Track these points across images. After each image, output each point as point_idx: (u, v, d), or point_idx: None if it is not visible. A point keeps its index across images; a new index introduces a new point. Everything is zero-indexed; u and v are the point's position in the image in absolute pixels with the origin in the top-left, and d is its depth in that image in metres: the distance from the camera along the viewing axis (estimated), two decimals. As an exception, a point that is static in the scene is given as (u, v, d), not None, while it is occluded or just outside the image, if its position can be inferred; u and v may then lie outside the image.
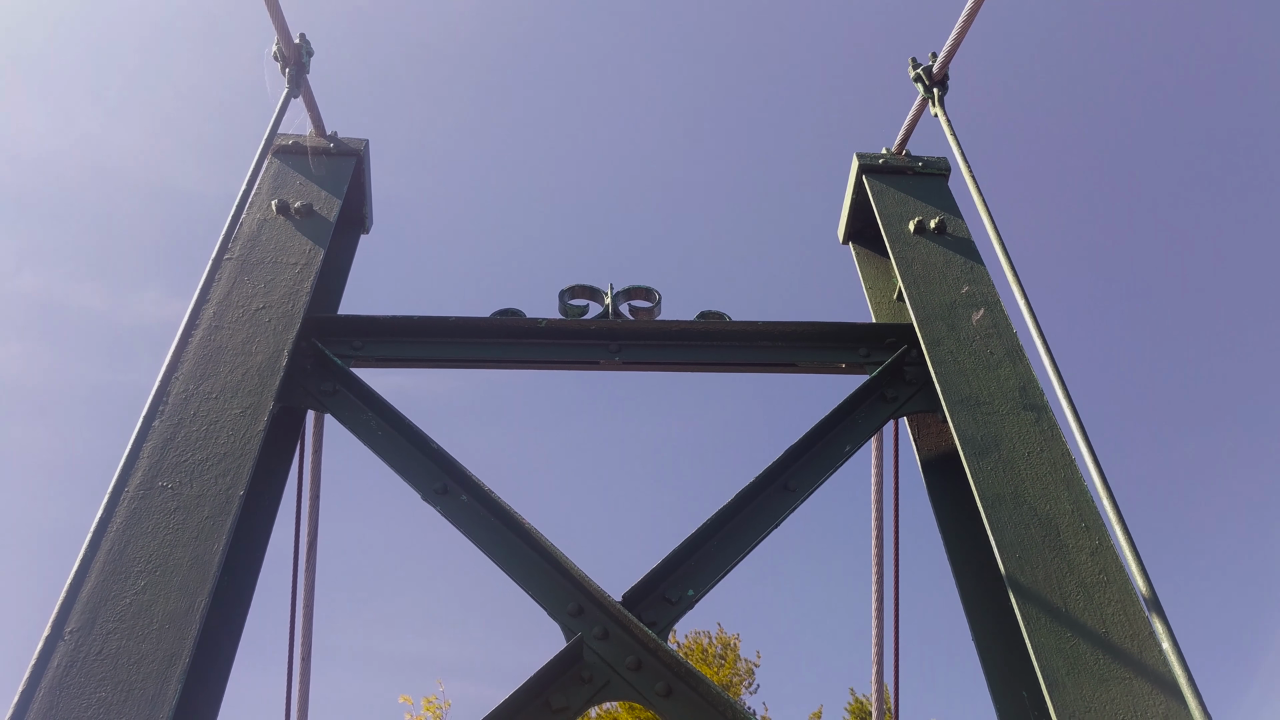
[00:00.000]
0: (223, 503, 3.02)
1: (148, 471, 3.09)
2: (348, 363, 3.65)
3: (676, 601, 3.11)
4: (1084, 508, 3.16)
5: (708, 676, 2.81)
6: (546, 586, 3.08)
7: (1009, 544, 3.07)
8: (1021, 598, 2.94)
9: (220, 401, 3.32)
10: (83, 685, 2.59)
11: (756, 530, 3.30)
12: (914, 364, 3.78)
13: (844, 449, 3.52)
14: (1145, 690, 2.71)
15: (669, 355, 3.84)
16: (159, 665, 2.64)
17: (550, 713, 2.80)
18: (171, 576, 2.83)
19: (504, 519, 3.20)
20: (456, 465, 3.30)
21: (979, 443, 3.36)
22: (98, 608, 2.75)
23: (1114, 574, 2.98)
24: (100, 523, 2.89)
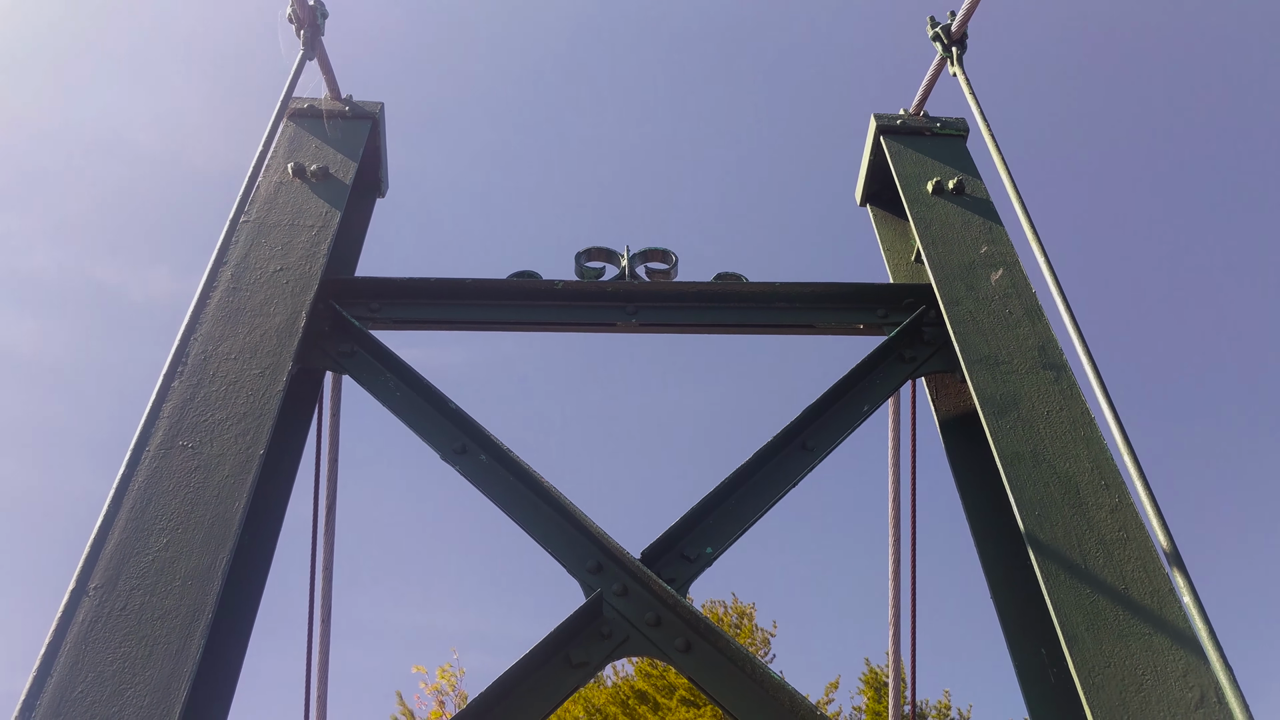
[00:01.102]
0: (243, 462, 3.04)
1: (168, 431, 3.10)
2: (365, 325, 3.65)
3: (695, 559, 3.12)
4: (1104, 465, 3.15)
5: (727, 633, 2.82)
6: (565, 544, 3.09)
7: (1028, 502, 3.07)
8: (1041, 555, 2.93)
9: (239, 362, 3.33)
10: (107, 640, 2.61)
11: (774, 489, 3.30)
12: (932, 324, 3.77)
13: (862, 409, 3.52)
14: (1165, 645, 2.71)
15: (685, 317, 3.83)
16: (182, 621, 2.66)
17: (570, 668, 2.82)
18: (193, 534, 2.85)
19: (523, 478, 3.21)
20: (475, 425, 3.30)
21: (998, 402, 3.35)
22: (121, 565, 2.77)
23: (1134, 531, 2.98)
24: (122, 481, 2.91)
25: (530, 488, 3.20)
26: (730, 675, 2.80)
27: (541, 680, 2.78)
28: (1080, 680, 2.66)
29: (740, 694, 2.77)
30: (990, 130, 4.06)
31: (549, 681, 2.79)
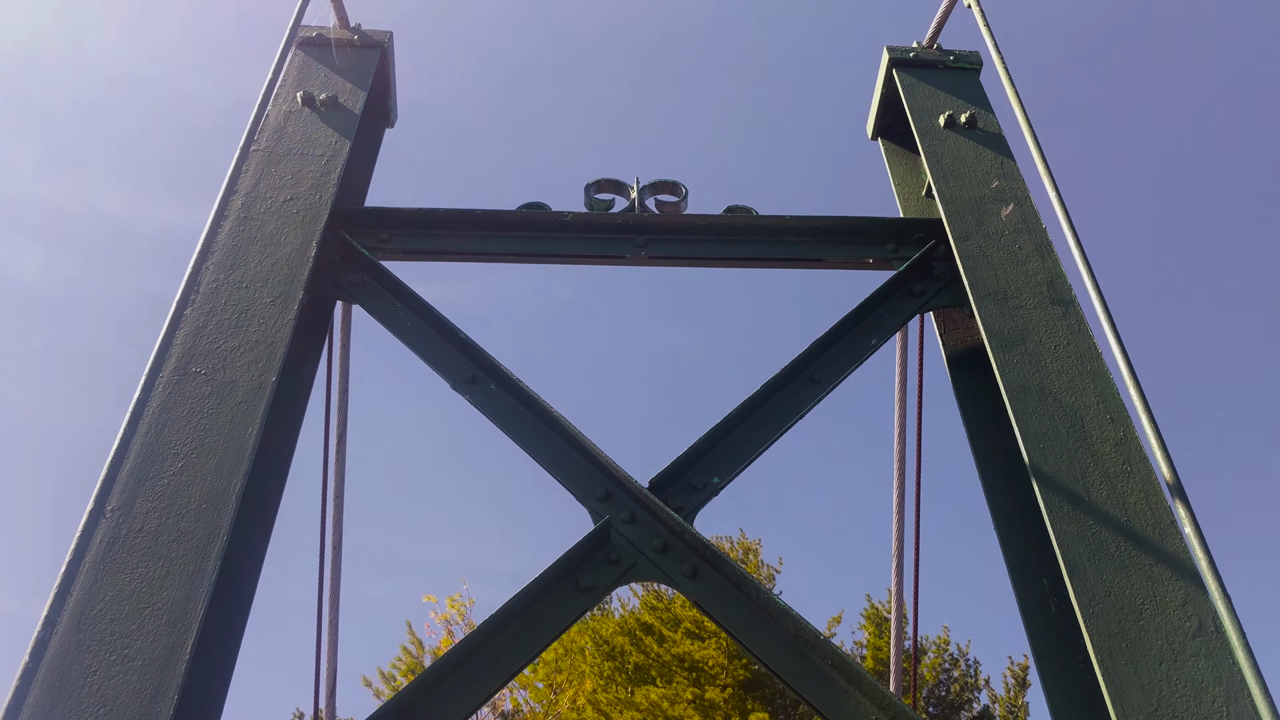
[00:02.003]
0: (256, 388, 3.07)
1: (181, 358, 3.13)
2: (375, 255, 3.66)
3: (702, 488, 3.15)
4: (1109, 400, 3.17)
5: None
6: (575, 473, 3.13)
7: (1033, 435, 3.09)
8: (1045, 487, 2.97)
9: (250, 291, 3.34)
10: (125, 560, 2.66)
11: (781, 421, 3.33)
12: (942, 259, 3.77)
13: (870, 343, 3.53)
14: (1165, 576, 2.75)
15: (695, 250, 3.83)
16: (198, 543, 2.70)
17: (579, 592, 2.86)
18: (207, 459, 2.89)
19: (532, 407, 3.24)
20: (485, 355, 3.32)
21: (1006, 336, 3.36)
22: (137, 488, 2.81)
23: (1137, 464, 3.00)
24: (136, 406, 2.95)
25: (540, 417, 3.23)
26: (736, 601, 2.85)
27: (551, 603, 2.83)
28: (1080, 609, 2.71)
29: (745, 619, 2.82)
30: (1004, 64, 4.02)
31: (558, 604, 2.84)
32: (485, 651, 2.71)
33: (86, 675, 2.44)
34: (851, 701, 2.65)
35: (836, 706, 2.65)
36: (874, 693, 2.64)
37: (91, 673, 2.45)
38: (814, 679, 2.69)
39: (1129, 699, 2.53)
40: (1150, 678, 2.56)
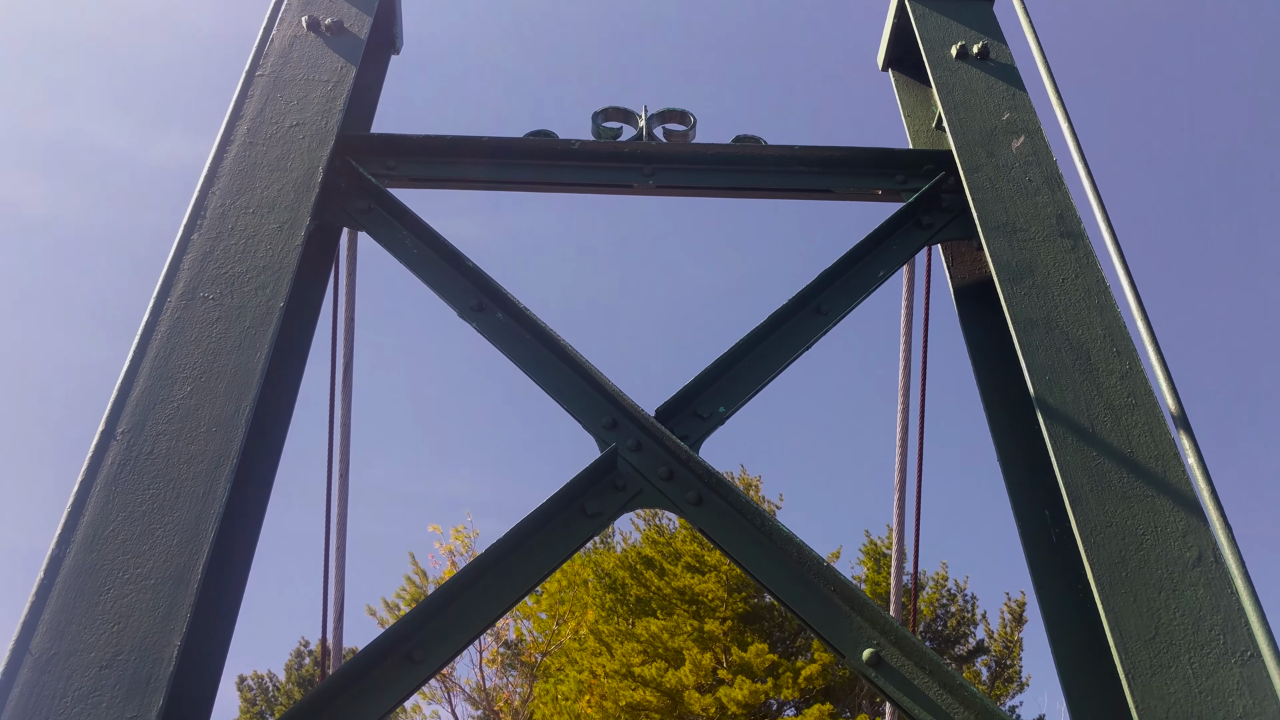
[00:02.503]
0: (263, 314, 3.07)
1: (189, 283, 3.13)
2: (382, 182, 3.64)
3: (708, 417, 3.17)
4: (1116, 333, 3.17)
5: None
6: (581, 401, 3.14)
7: (1039, 367, 3.10)
8: (1049, 419, 2.98)
9: (257, 216, 3.33)
10: (136, 482, 2.69)
11: (787, 352, 3.33)
12: (951, 191, 3.75)
13: (877, 274, 3.52)
14: (1167, 507, 2.77)
15: (703, 179, 3.81)
16: (208, 465, 2.73)
17: (585, 517, 2.89)
18: (216, 383, 2.90)
19: (539, 336, 3.24)
20: (491, 283, 3.32)
21: (1014, 268, 3.35)
22: (147, 411, 2.83)
23: (1143, 397, 3.01)
24: (145, 330, 2.96)
25: (547, 345, 3.23)
26: (740, 528, 2.88)
27: (557, 528, 2.86)
28: (1082, 539, 2.73)
29: (749, 546, 2.85)
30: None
31: (564, 530, 2.87)
32: (493, 574, 2.75)
33: (100, 593, 2.48)
34: (853, 626, 2.69)
35: (838, 631, 2.69)
36: (875, 617, 2.68)
37: (105, 590, 2.48)
38: (816, 604, 2.73)
39: (1127, 626, 2.56)
40: (1149, 606, 2.60)
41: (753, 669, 24.55)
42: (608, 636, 24.84)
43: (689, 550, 27.00)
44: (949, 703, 2.56)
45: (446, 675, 15.01)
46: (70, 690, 2.33)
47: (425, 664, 2.59)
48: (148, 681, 2.35)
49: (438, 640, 2.63)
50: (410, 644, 2.61)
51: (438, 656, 2.61)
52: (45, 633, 2.40)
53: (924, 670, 2.60)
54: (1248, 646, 2.52)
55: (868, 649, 2.64)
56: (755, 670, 24.63)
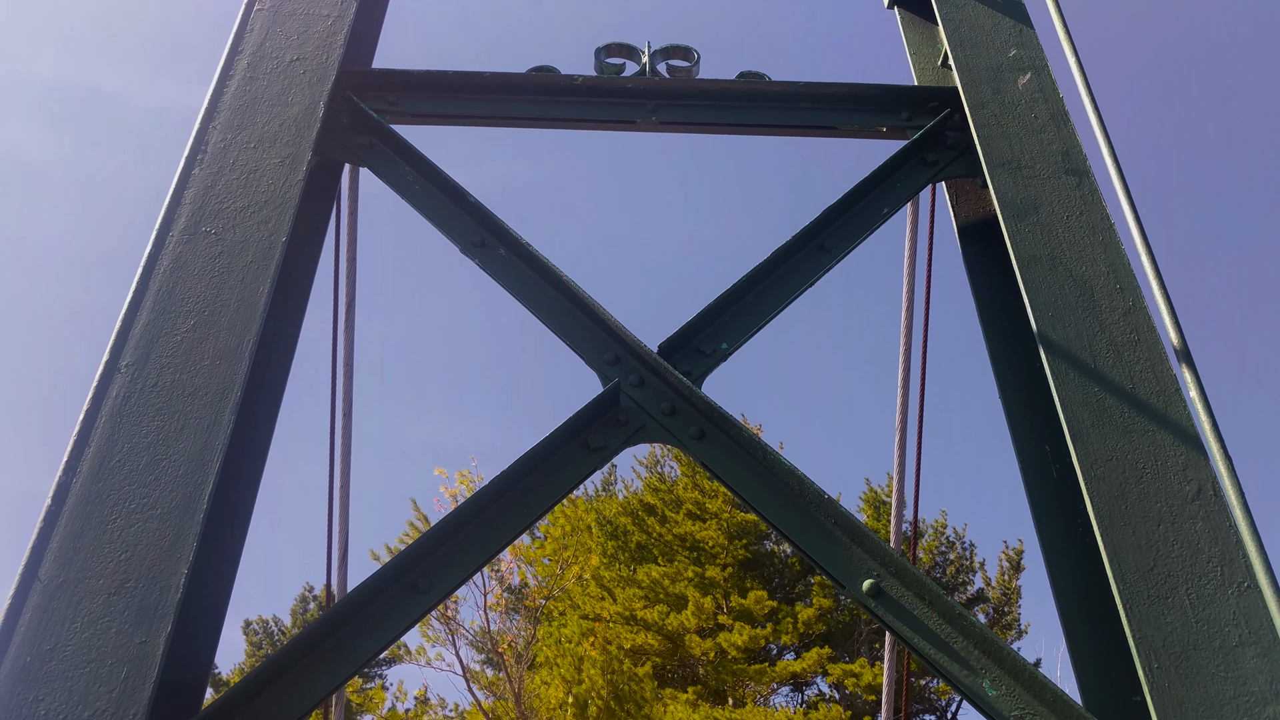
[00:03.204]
0: (266, 248, 3.07)
1: (190, 217, 3.12)
2: (384, 118, 3.62)
3: (711, 353, 3.17)
4: (1120, 270, 3.16)
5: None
6: (584, 337, 3.14)
7: (1042, 304, 3.10)
8: (1052, 355, 2.98)
9: (258, 151, 3.32)
10: (141, 414, 2.70)
11: (790, 289, 3.33)
12: (956, 128, 3.72)
13: (881, 211, 3.51)
14: (1168, 441, 2.78)
15: (706, 115, 3.78)
16: (212, 398, 2.74)
17: (588, 451, 2.91)
18: (220, 316, 2.91)
19: (542, 272, 3.24)
20: (494, 219, 3.31)
21: (1018, 206, 3.34)
22: (151, 344, 2.83)
23: (1145, 334, 3.01)
24: (147, 264, 2.96)
25: (550, 282, 3.23)
26: (742, 462, 2.90)
27: (560, 461, 2.88)
28: (1082, 473, 2.75)
29: (751, 479, 2.87)
30: (1027, -73, 3.91)
31: (568, 463, 2.88)
32: (497, 505, 2.77)
33: (108, 522, 2.50)
34: (854, 557, 2.71)
35: (839, 562, 2.71)
36: (876, 549, 2.70)
37: (112, 520, 2.51)
38: (817, 536, 2.75)
39: (1126, 559, 2.58)
40: (1148, 539, 2.62)
41: (753, 614, 24.82)
42: (610, 582, 25.08)
43: (690, 498, 27.19)
44: (948, 632, 2.59)
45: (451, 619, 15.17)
46: (80, 616, 2.35)
47: (430, 593, 2.61)
48: (156, 608, 2.38)
49: (442, 570, 2.66)
50: (415, 573, 2.63)
51: (442, 586, 2.64)
52: (54, 560, 2.43)
53: (924, 601, 2.63)
54: (1245, 578, 2.54)
55: (868, 580, 2.66)
56: (755, 616, 24.90)
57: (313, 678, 2.47)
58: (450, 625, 15.15)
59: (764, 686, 24.65)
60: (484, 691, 17.07)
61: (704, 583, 25.21)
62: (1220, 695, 2.38)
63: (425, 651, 16.28)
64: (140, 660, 2.31)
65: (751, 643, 23.80)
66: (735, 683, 23.97)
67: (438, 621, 15.38)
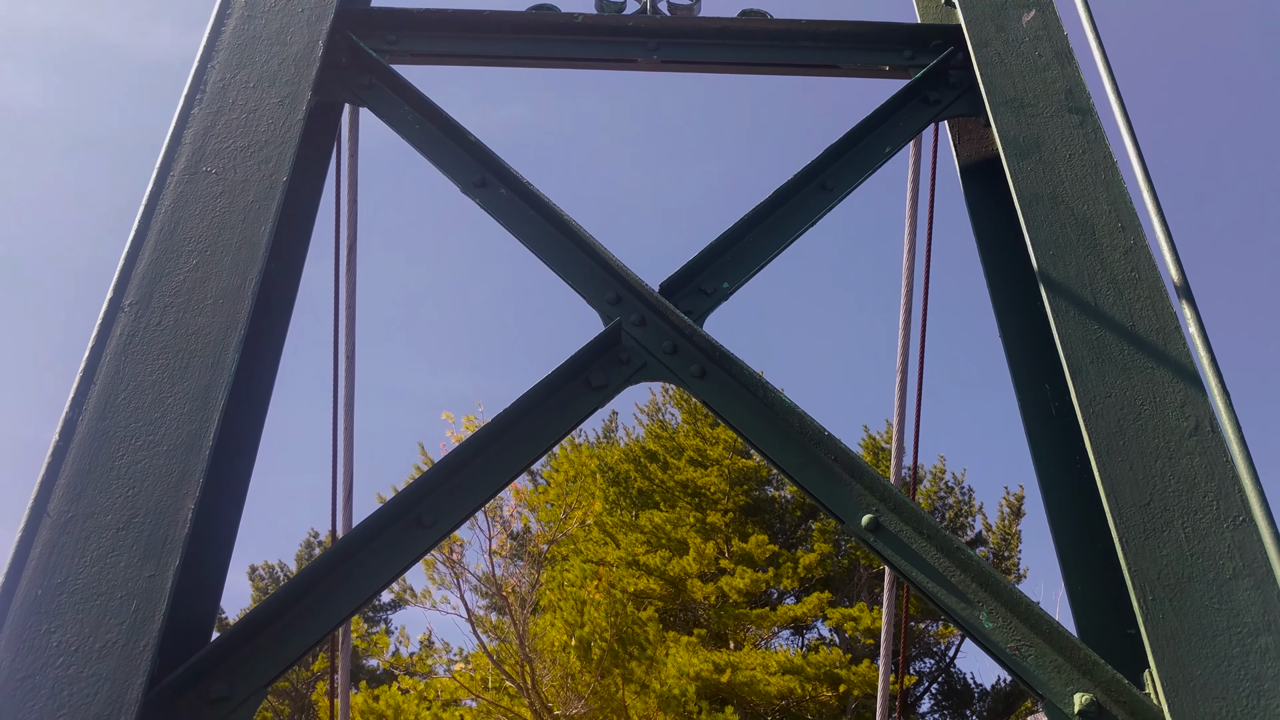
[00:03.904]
0: (267, 188, 3.06)
1: (191, 157, 3.12)
2: (383, 57, 3.59)
3: (712, 293, 3.18)
4: (1122, 208, 3.16)
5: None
6: (586, 277, 3.15)
7: (1043, 242, 3.10)
8: (1052, 293, 2.99)
9: (258, 91, 3.30)
10: (145, 353, 2.71)
11: (792, 228, 3.33)
12: (959, 67, 3.69)
13: (883, 150, 3.50)
14: (1166, 378, 2.80)
15: (707, 54, 3.75)
16: (216, 336, 2.75)
17: (589, 390, 2.92)
18: (222, 256, 2.91)
19: (543, 211, 3.23)
20: (494, 158, 3.30)
21: (1020, 144, 3.33)
22: (154, 283, 2.84)
23: (1146, 272, 3.02)
24: (149, 204, 2.96)
25: (550, 221, 3.23)
26: (742, 400, 2.91)
27: (562, 399, 2.90)
28: (1081, 410, 2.77)
29: (751, 417, 2.89)
30: None
31: (570, 401, 2.90)
32: (500, 442, 2.79)
33: (114, 459, 2.52)
34: (853, 493, 2.74)
35: (838, 498, 2.74)
36: (874, 484, 2.73)
37: (119, 457, 2.53)
38: (817, 472, 2.77)
39: (1122, 493, 2.61)
40: (1145, 474, 2.64)
41: (754, 559, 25.04)
42: (612, 528, 25.28)
43: (692, 445, 27.31)
44: (946, 566, 2.62)
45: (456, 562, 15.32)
46: (89, 550, 2.39)
47: (434, 528, 2.65)
48: (164, 543, 2.41)
49: (446, 506, 2.69)
50: (420, 509, 2.66)
51: (446, 522, 2.67)
52: (62, 496, 2.45)
53: (922, 535, 2.66)
54: (1240, 512, 2.57)
55: (867, 515, 2.69)
56: (756, 560, 25.13)
57: (320, 610, 2.51)
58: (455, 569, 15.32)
59: (765, 630, 24.94)
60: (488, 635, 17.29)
61: (705, 528, 25.41)
62: (1213, 626, 2.42)
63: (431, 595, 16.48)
64: (149, 594, 2.35)
65: (753, 587, 24.04)
66: (736, 626, 24.25)
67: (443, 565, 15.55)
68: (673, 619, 24.83)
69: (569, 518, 17.36)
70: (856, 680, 22.27)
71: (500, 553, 15.75)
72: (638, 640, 16.18)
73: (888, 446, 27.01)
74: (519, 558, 16.91)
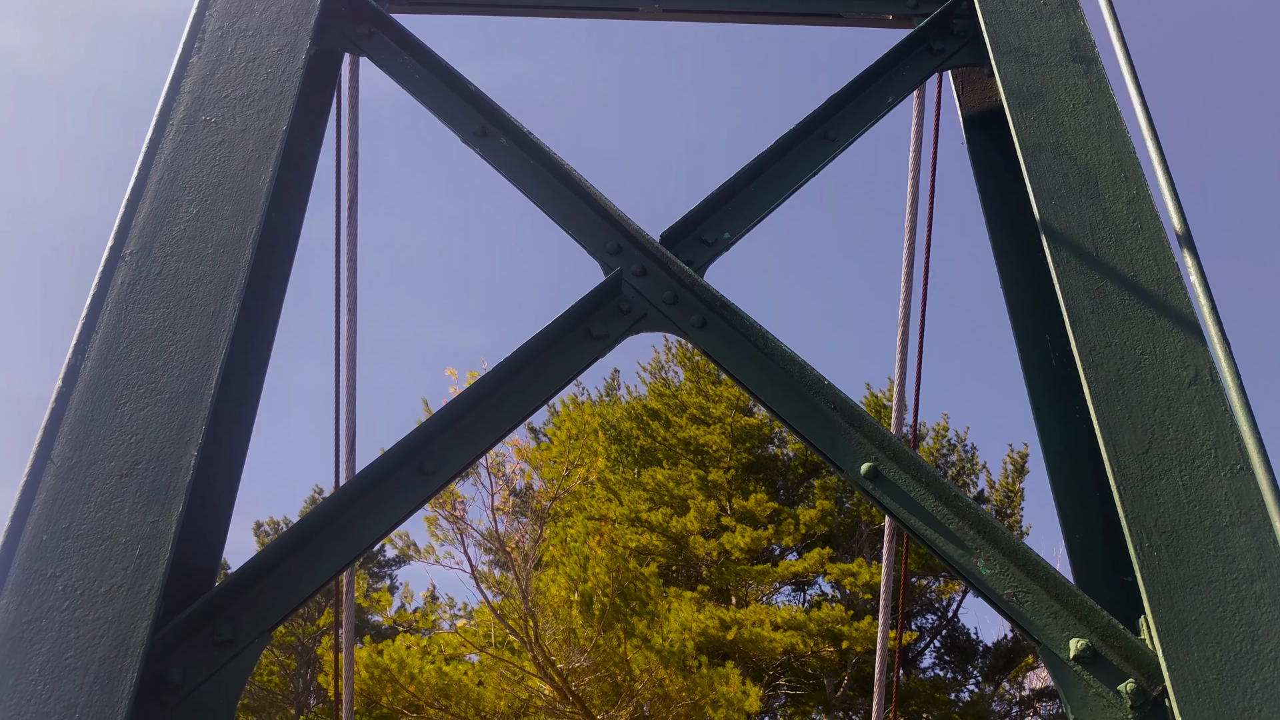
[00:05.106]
0: (267, 137, 3.05)
1: (190, 106, 3.10)
2: (383, 6, 3.57)
3: (713, 243, 3.17)
4: (1125, 158, 3.15)
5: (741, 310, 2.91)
6: (586, 226, 3.14)
7: (1046, 192, 3.09)
8: (1054, 243, 2.98)
9: (257, 40, 3.28)
10: (146, 302, 2.72)
11: (794, 178, 3.32)
12: (963, 16, 3.66)
13: (886, 100, 3.48)
14: (1167, 328, 2.80)
15: (711, 3, 3.72)
16: (217, 285, 2.76)
17: (590, 339, 2.93)
18: (222, 205, 2.91)
19: (544, 161, 3.22)
20: (495, 107, 3.29)
21: (1024, 93, 3.31)
22: (154, 233, 2.84)
23: (1148, 221, 3.01)
24: (149, 151, 2.95)
25: (551, 171, 3.22)
26: (743, 349, 2.92)
27: (563, 349, 2.90)
28: (1081, 359, 2.77)
29: (752, 366, 2.89)
30: None
31: (570, 351, 2.91)
32: (501, 391, 2.80)
33: (117, 406, 2.54)
34: (853, 441, 2.75)
35: (837, 447, 2.75)
36: (874, 433, 2.74)
37: (121, 404, 2.54)
38: (816, 421, 2.78)
39: (1121, 442, 2.62)
40: (1144, 422, 2.65)
41: (755, 516, 25.17)
42: (614, 485, 25.39)
43: (694, 403, 27.36)
44: (944, 513, 2.64)
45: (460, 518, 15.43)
46: (93, 496, 2.41)
47: (436, 475, 2.66)
48: (167, 489, 2.43)
49: (448, 453, 2.70)
50: (422, 456, 2.68)
51: (448, 469, 2.69)
52: (65, 443, 2.47)
53: (920, 483, 2.68)
54: (1238, 460, 2.58)
55: (866, 463, 2.71)
56: (758, 517, 25.26)
57: (323, 556, 2.53)
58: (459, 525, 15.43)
59: (766, 586, 25.13)
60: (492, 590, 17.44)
61: (707, 486, 25.53)
62: (1208, 572, 2.43)
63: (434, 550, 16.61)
64: (153, 539, 2.37)
65: (754, 543, 24.19)
66: (738, 582, 24.43)
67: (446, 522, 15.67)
68: (675, 575, 25.01)
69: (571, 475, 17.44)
70: (858, 636, 22.47)
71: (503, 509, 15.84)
72: (639, 596, 16.31)
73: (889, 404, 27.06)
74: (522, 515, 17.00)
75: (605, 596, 15.49)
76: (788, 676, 24.47)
